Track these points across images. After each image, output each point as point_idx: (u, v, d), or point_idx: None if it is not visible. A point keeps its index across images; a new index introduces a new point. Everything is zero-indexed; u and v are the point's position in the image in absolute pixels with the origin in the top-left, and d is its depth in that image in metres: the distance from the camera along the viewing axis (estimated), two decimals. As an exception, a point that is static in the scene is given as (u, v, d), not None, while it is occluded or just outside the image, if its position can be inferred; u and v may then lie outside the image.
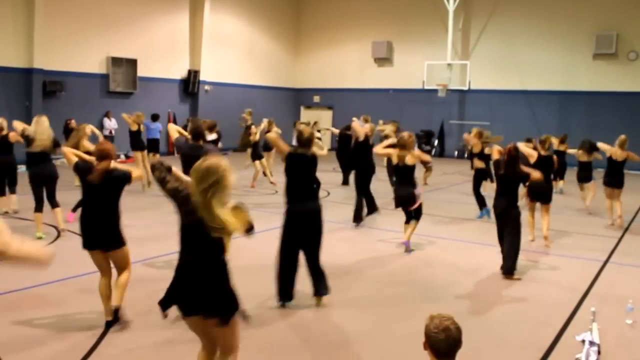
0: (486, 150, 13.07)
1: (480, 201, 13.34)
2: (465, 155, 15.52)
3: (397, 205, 10.19)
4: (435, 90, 27.81)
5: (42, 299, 7.30)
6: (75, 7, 22.80)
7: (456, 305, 7.32)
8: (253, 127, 18.21)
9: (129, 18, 24.79)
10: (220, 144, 12.85)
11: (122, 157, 23.86)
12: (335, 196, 15.88)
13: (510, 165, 8.80)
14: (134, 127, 16.91)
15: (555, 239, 11.54)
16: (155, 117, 20.88)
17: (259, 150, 17.53)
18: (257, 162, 17.22)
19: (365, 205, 12.17)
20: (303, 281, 7.28)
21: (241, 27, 30.03)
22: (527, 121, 27.56)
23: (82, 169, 6.47)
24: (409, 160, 9.80)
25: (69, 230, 10.84)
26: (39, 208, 10.43)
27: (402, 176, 10.01)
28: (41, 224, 10.33)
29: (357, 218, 12.12)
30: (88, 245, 6.32)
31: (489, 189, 13.98)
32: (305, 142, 7.15)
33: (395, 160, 9.98)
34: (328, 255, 7.94)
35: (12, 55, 21.08)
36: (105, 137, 23.65)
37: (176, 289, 4.36)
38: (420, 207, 10.06)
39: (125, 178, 6.29)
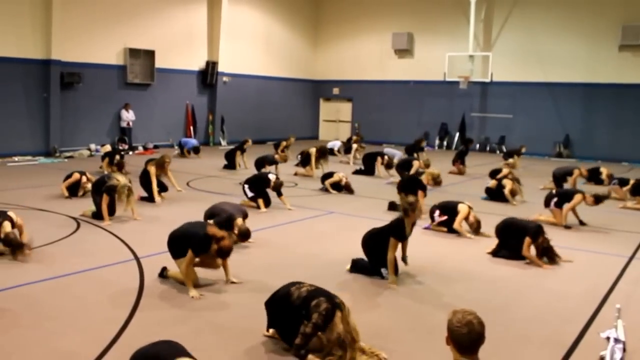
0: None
1: None
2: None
3: None
4: (457, 83, 27.59)
5: (64, 290, 7.30)
6: (92, -3, 22.79)
7: (478, 301, 7.16)
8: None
9: (146, 9, 24.74)
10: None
11: (140, 149, 23.83)
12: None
13: None
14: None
15: (579, 234, 11.39)
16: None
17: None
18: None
19: None
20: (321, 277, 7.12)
21: (259, 18, 29.92)
22: (550, 114, 27.29)
23: None
24: None
25: (89, 222, 10.84)
26: None
27: None
28: None
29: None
30: None
31: None
32: None
33: None
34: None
35: (30, 46, 21.08)
36: (123, 128, 23.78)
37: None
38: None
39: None
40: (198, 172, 17.75)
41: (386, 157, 18.58)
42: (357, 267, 8.22)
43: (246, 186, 12.75)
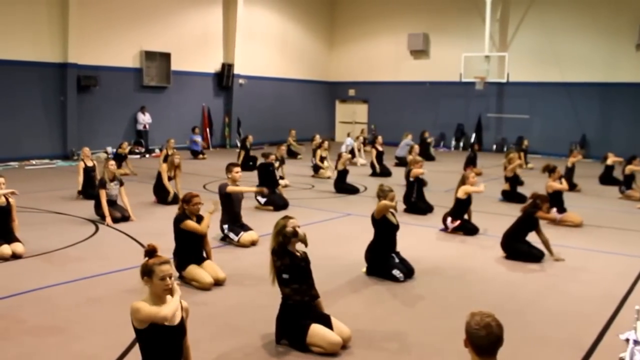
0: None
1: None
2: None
3: None
4: (473, 83, 27.45)
5: (84, 293, 7.36)
6: (108, 1, 22.89)
7: (495, 303, 7.12)
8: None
9: (162, 11, 24.84)
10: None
11: (157, 151, 23.92)
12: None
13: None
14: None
15: (597, 235, 11.34)
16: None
17: None
18: None
19: None
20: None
21: (275, 19, 29.97)
22: (567, 114, 27.12)
23: None
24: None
25: (107, 224, 10.91)
26: None
27: None
28: None
29: None
30: None
31: None
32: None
33: None
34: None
35: (47, 50, 21.23)
36: (139, 131, 23.90)
37: None
38: None
39: None
40: (214, 174, 17.76)
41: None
42: (373, 269, 8.21)
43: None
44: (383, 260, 8.11)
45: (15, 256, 8.62)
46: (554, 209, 12.02)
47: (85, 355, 5.59)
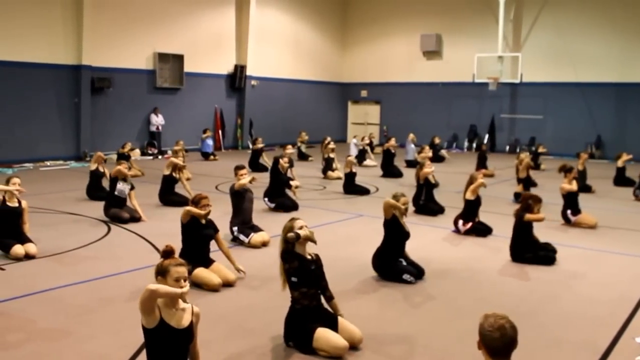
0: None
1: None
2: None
3: None
4: (486, 84, 27.33)
5: (95, 294, 7.37)
6: (122, 3, 22.98)
7: (507, 305, 7.06)
8: None
9: (175, 14, 24.90)
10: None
11: (170, 152, 23.93)
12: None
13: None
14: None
15: (612, 236, 11.24)
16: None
17: None
18: None
19: None
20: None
21: (287, 21, 29.98)
22: (581, 115, 26.96)
23: None
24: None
25: (119, 226, 10.94)
26: None
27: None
28: None
29: None
30: None
31: None
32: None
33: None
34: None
35: (62, 52, 21.33)
36: (152, 132, 23.95)
37: None
38: None
39: None
40: (225, 175, 17.76)
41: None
42: (382, 275, 8.15)
43: (266, 199, 13.10)
44: (391, 265, 8.05)
45: (28, 256, 8.66)
46: (569, 211, 11.96)
47: (96, 355, 5.59)
